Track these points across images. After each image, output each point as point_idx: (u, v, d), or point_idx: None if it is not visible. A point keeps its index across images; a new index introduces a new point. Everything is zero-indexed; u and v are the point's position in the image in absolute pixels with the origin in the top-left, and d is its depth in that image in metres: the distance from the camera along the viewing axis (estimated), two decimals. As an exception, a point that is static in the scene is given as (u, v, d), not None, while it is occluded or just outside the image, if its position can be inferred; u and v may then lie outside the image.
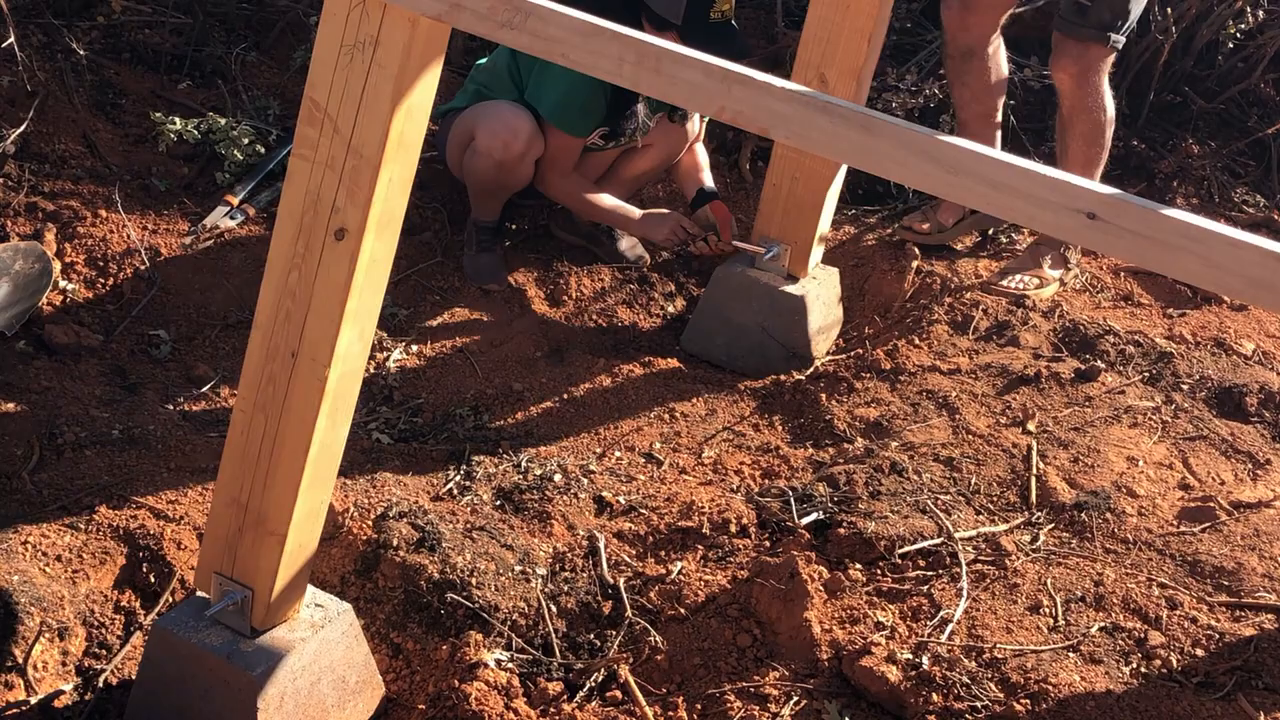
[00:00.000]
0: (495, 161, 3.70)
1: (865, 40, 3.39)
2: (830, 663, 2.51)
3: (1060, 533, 2.89)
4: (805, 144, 1.64)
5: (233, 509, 2.19)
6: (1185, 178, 4.77)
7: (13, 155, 3.81)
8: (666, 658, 2.55)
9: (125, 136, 4.13)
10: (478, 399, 3.42)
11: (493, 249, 3.92)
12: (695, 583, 2.70)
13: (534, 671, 2.53)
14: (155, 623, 2.30)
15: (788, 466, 3.15)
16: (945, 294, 3.93)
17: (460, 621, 2.57)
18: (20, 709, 2.30)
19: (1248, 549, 2.84)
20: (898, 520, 2.84)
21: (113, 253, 3.65)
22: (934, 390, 3.40)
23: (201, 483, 2.79)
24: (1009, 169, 1.53)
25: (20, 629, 2.37)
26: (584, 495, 2.99)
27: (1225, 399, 3.41)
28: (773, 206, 3.67)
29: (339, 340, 2.03)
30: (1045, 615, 2.63)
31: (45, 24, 4.27)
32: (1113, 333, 3.64)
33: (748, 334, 3.71)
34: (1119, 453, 3.16)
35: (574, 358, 3.63)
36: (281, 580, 2.20)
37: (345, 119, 1.92)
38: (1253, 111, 5.10)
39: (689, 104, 1.70)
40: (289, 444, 2.10)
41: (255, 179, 4.04)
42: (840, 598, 2.65)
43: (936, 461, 3.09)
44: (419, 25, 1.85)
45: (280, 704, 2.23)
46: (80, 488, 2.75)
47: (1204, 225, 1.45)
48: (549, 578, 2.71)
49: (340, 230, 1.97)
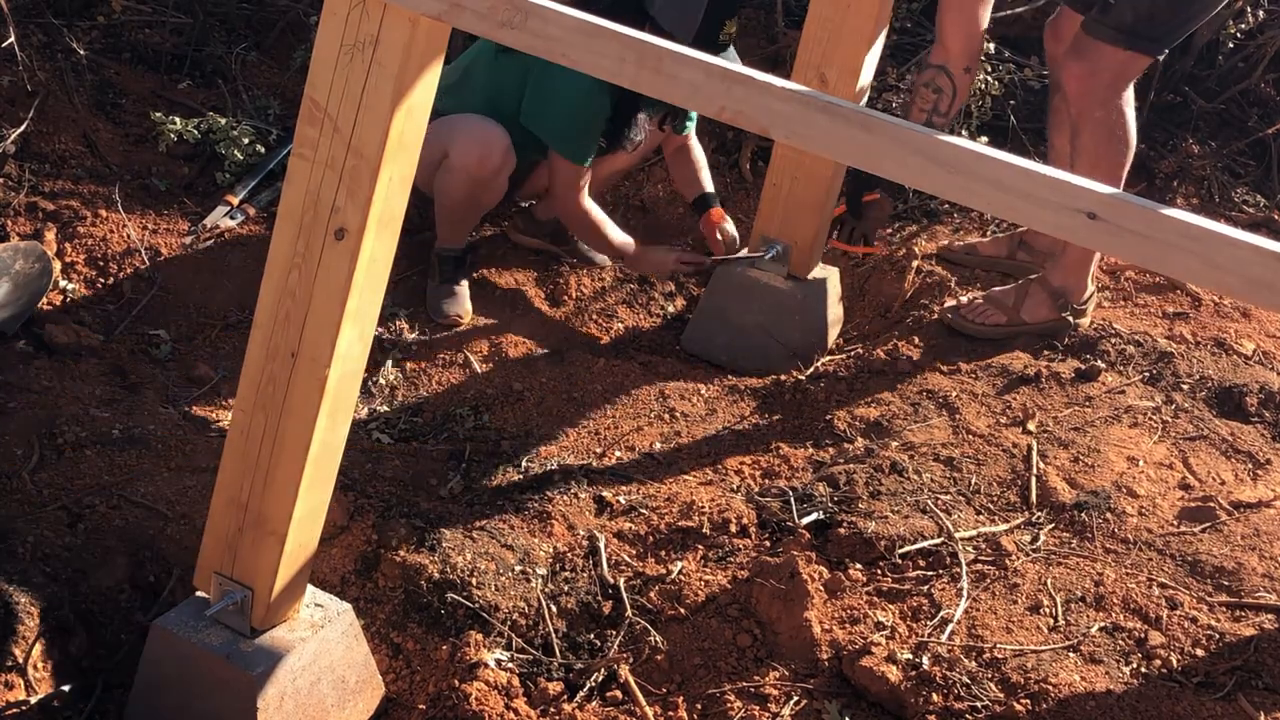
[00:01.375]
0: (470, 177, 3.58)
1: (866, 40, 3.39)
2: (830, 663, 2.51)
3: (1060, 533, 2.89)
4: (805, 144, 1.64)
5: (233, 509, 2.19)
6: (1185, 177, 4.77)
7: (13, 155, 3.81)
8: (666, 658, 2.55)
9: (125, 136, 4.14)
10: (478, 399, 3.42)
11: (457, 279, 3.77)
12: (695, 583, 2.70)
13: (534, 671, 2.53)
14: (155, 622, 2.29)
15: (788, 466, 3.15)
16: (945, 294, 3.93)
17: (460, 621, 2.57)
18: (20, 709, 2.30)
19: (1248, 549, 2.84)
20: (898, 520, 2.84)
21: (113, 252, 3.65)
22: (934, 390, 3.40)
23: (201, 483, 2.79)
24: (1009, 169, 1.53)
25: (20, 629, 2.37)
26: (584, 495, 2.99)
27: (1225, 399, 3.41)
28: (773, 206, 3.67)
29: (339, 340, 2.02)
30: (1045, 615, 2.63)
31: (45, 24, 4.27)
32: (1113, 333, 3.64)
33: (748, 334, 3.71)
34: (1119, 453, 3.16)
35: (574, 358, 3.63)
36: (281, 580, 2.20)
37: (345, 118, 1.92)
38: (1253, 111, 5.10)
39: (689, 103, 1.70)
40: (289, 444, 2.10)
41: (255, 179, 4.04)
42: (840, 598, 2.65)
43: (937, 461, 3.09)
44: (419, 25, 1.85)
45: (280, 704, 2.23)
46: (80, 487, 2.75)
47: (1204, 225, 1.45)
48: (549, 578, 2.71)
49: (340, 230, 1.97)
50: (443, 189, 3.65)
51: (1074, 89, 3.41)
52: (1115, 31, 3.28)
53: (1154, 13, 3.26)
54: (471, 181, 3.60)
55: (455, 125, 3.59)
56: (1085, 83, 3.37)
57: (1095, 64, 3.34)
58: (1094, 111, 3.38)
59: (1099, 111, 3.38)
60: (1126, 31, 3.28)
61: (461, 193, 3.63)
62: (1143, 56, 3.35)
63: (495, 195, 3.71)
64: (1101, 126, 3.40)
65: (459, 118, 3.61)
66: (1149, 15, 3.26)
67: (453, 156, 3.57)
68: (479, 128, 3.58)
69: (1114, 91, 3.38)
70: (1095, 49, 3.33)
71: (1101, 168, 3.39)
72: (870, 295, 4.06)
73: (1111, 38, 3.29)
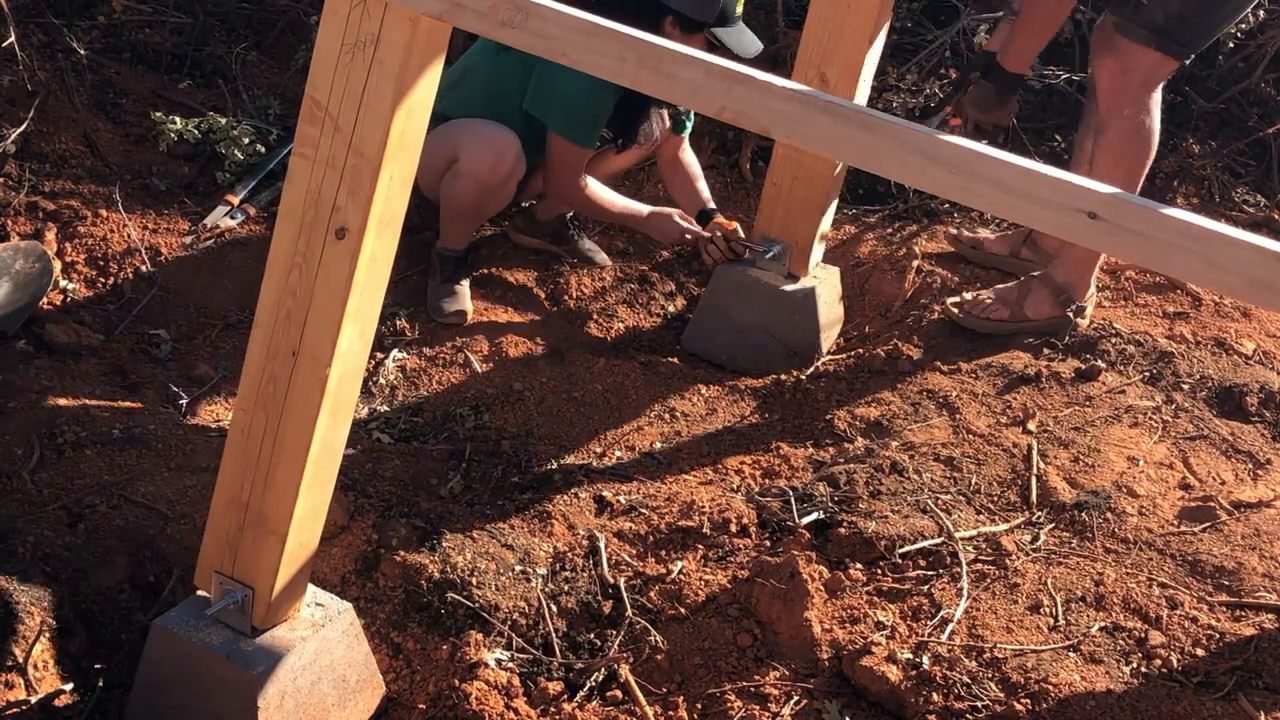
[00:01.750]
0: (480, 184, 3.57)
1: (866, 39, 3.39)
2: (830, 662, 2.51)
3: (1060, 532, 2.89)
4: (806, 143, 1.64)
5: (233, 508, 2.19)
6: (1186, 177, 4.78)
7: (13, 155, 3.82)
8: (667, 657, 2.55)
9: (125, 136, 4.14)
10: (478, 399, 3.42)
11: (457, 279, 3.77)
12: (695, 582, 2.70)
13: (534, 671, 2.53)
14: (155, 622, 2.29)
15: (788, 466, 3.15)
16: (945, 293, 3.93)
17: (460, 621, 2.57)
18: (20, 708, 2.30)
19: (1248, 549, 2.84)
20: (898, 520, 2.84)
21: (113, 252, 3.65)
22: (934, 390, 3.40)
23: (202, 482, 2.79)
24: (1010, 168, 1.53)
25: (20, 628, 2.37)
26: (584, 495, 2.99)
27: (1226, 399, 3.41)
28: (774, 206, 3.68)
29: (340, 339, 2.02)
30: (1045, 615, 2.63)
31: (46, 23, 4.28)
32: (1114, 332, 3.64)
33: (749, 333, 3.71)
34: (1119, 452, 3.16)
35: (574, 358, 3.63)
36: (282, 579, 2.20)
37: (346, 118, 1.92)
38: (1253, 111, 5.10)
39: (690, 103, 1.70)
40: (290, 443, 2.10)
41: (256, 178, 4.04)
42: (840, 597, 2.65)
43: (937, 461, 3.09)
44: (420, 24, 1.85)
45: (281, 703, 2.22)
46: (80, 487, 2.75)
47: (1205, 225, 1.45)
48: (549, 577, 2.71)
49: (341, 229, 1.97)
50: (451, 193, 3.63)
51: (1105, 86, 3.42)
52: (1147, 32, 3.30)
53: (1185, 14, 3.28)
54: (481, 188, 3.59)
55: (465, 130, 3.57)
56: (1117, 79, 3.39)
57: (1127, 63, 3.36)
58: (1123, 109, 3.40)
59: (1128, 109, 3.39)
60: (1158, 32, 3.29)
61: (470, 198, 3.62)
62: (1171, 60, 3.37)
63: (503, 201, 3.71)
64: (1129, 124, 3.41)
65: (468, 122, 3.59)
66: (1180, 16, 3.28)
67: (463, 162, 3.55)
68: (491, 134, 3.56)
69: (1145, 92, 3.39)
70: (1127, 48, 3.35)
71: (1124, 165, 3.41)
72: (870, 295, 4.06)
73: (1144, 38, 3.31)
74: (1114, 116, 3.42)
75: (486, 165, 3.54)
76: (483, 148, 3.54)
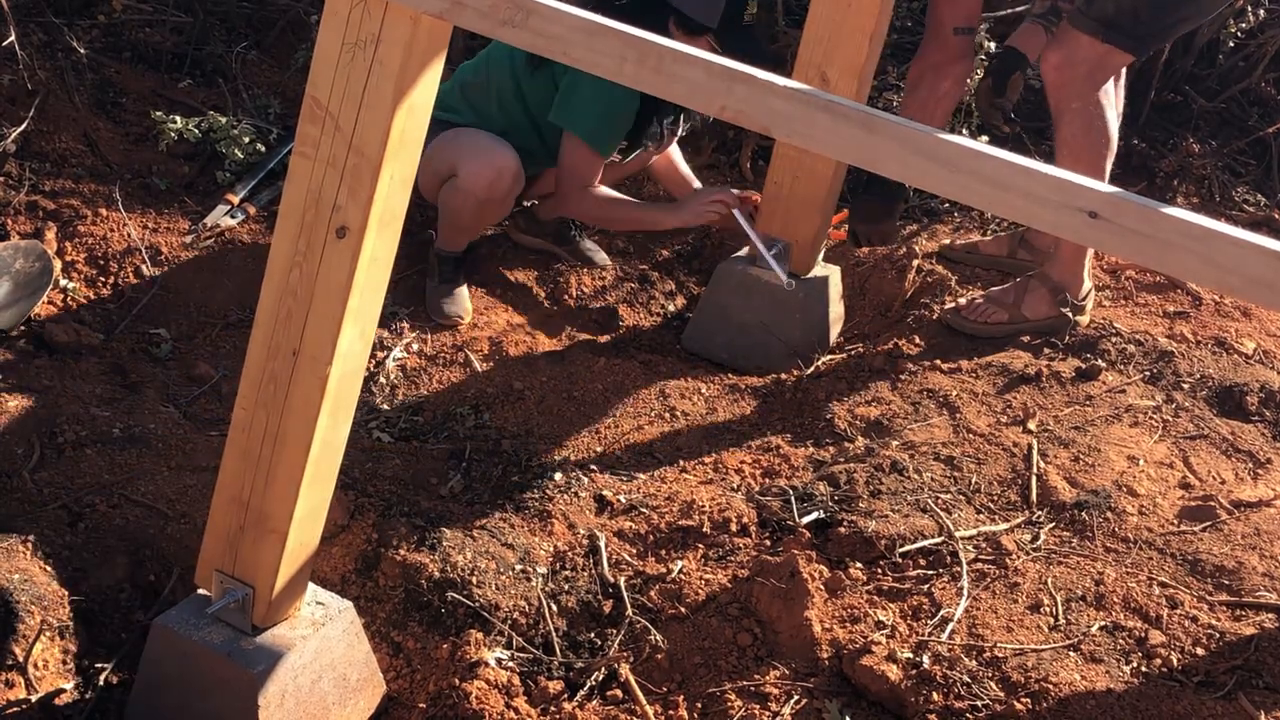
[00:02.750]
0: (479, 200, 3.57)
1: (867, 39, 3.39)
2: (831, 662, 2.51)
3: (1061, 532, 2.89)
4: (806, 142, 1.64)
5: (234, 507, 2.19)
6: (1186, 177, 4.78)
7: (13, 154, 3.82)
8: (667, 657, 2.55)
9: (126, 135, 4.14)
10: (478, 398, 3.42)
11: (457, 279, 3.77)
12: (696, 582, 2.70)
13: (534, 670, 2.53)
14: (156, 621, 2.29)
15: (788, 465, 3.15)
16: (945, 293, 3.93)
17: (461, 620, 2.57)
18: (21, 707, 2.30)
19: (1248, 548, 2.84)
20: (898, 519, 2.84)
21: (113, 251, 3.65)
22: (934, 389, 3.40)
23: (202, 481, 2.79)
24: (1010, 167, 1.53)
25: (21, 627, 2.37)
26: (584, 494, 2.99)
27: (1226, 398, 3.41)
28: (774, 205, 3.68)
29: (340, 339, 2.03)
30: (1046, 614, 2.63)
31: (46, 23, 4.28)
32: (1114, 332, 3.64)
33: (749, 332, 3.71)
34: (1120, 452, 3.16)
35: (574, 357, 3.63)
36: (282, 578, 2.20)
37: (347, 117, 1.92)
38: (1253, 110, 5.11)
39: (690, 102, 1.70)
40: (290, 442, 2.10)
41: (256, 178, 4.04)
42: (841, 597, 2.65)
43: (937, 460, 3.09)
44: (420, 23, 1.85)
45: (281, 701, 2.23)
46: (81, 486, 2.75)
47: (1205, 224, 1.45)
48: (549, 576, 2.71)
49: (341, 228, 1.97)
50: (449, 205, 3.64)
51: (1051, 79, 3.40)
52: (1095, 23, 3.28)
53: (1137, 9, 3.26)
54: (479, 204, 3.59)
55: (466, 144, 3.57)
56: (1061, 73, 3.37)
57: (1072, 54, 3.33)
58: (1070, 103, 3.37)
59: (1075, 103, 3.37)
60: (1106, 24, 3.27)
61: (468, 212, 3.63)
62: (1121, 52, 3.34)
63: (502, 214, 3.73)
64: (1078, 119, 3.39)
65: (471, 135, 3.59)
66: (1132, 11, 3.26)
67: (462, 178, 3.55)
68: (491, 151, 3.55)
69: (1091, 85, 3.36)
70: (1074, 39, 3.33)
71: (1083, 160, 3.38)
72: (870, 295, 4.06)
73: (1090, 28, 3.29)
74: (1063, 111, 3.39)
75: (485, 183, 3.54)
76: (482, 166, 3.54)
